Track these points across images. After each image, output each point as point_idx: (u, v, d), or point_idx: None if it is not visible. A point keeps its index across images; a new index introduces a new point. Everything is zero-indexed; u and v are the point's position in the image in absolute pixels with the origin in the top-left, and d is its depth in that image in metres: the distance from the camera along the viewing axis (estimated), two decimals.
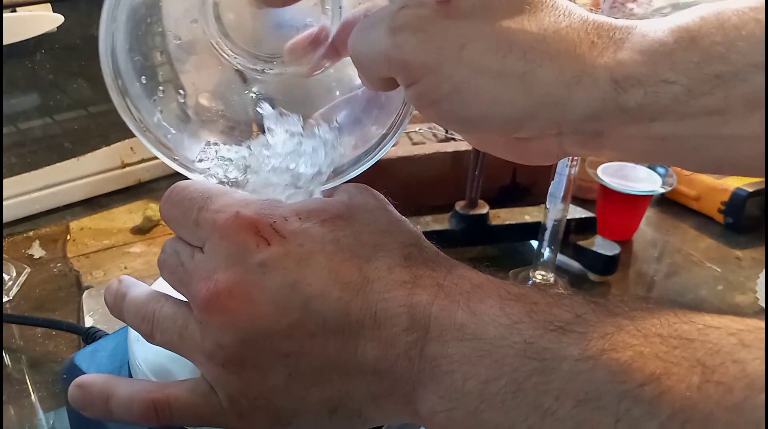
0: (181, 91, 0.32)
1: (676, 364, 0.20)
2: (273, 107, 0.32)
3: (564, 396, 0.21)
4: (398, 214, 0.30)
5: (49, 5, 0.62)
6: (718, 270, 0.68)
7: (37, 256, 0.65)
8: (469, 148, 0.60)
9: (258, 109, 0.32)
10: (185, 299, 0.28)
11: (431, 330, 0.24)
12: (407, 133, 0.71)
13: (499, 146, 0.31)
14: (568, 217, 0.58)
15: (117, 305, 0.30)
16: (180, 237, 0.29)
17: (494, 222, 0.63)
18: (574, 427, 0.21)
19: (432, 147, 0.68)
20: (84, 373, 0.35)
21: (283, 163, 0.31)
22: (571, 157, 0.52)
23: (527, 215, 0.64)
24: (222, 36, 0.32)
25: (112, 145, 0.72)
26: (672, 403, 0.20)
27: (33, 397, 0.49)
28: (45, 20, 0.62)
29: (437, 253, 0.28)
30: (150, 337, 0.29)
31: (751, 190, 0.71)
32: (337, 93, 0.34)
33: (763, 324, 0.21)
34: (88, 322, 0.55)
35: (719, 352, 0.20)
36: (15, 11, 0.60)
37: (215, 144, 0.32)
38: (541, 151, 0.29)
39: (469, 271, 0.27)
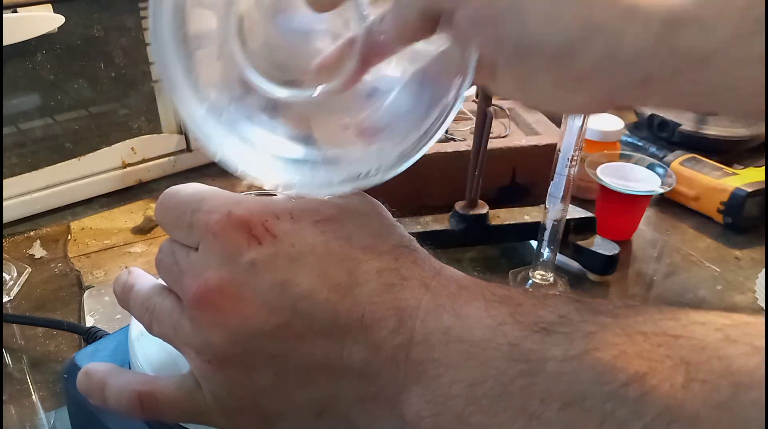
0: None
1: (659, 362, 0.20)
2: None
3: (549, 398, 0.22)
4: (392, 218, 0.30)
5: (49, 6, 0.62)
6: (717, 270, 0.68)
7: (38, 255, 0.66)
8: (469, 148, 0.60)
9: None
10: None
11: (417, 333, 0.24)
12: None
13: (548, 88, 0.28)
14: (568, 217, 0.58)
15: (124, 296, 0.31)
16: (176, 240, 0.29)
17: (494, 222, 0.63)
18: None
19: (432, 147, 0.68)
20: None
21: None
22: (570, 158, 0.53)
23: (527, 215, 0.64)
24: (247, 64, 0.30)
25: (113, 146, 0.72)
26: (657, 403, 0.20)
27: (34, 396, 0.49)
28: (46, 21, 0.62)
29: (427, 256, 0.28)
30: (149, 329, 0.29)
31: (750, 190, 0.71)
32: (375, 97, 0.33)
33: (749, 319, 0.21)
34: (89, 321, 0.55)
35: (704, 349, 0.20)
36: (16, 12, 0.60)
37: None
38: (590, 95, 0.28)
39: (457, 274, 0.27)
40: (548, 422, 0.21)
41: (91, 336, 0.50)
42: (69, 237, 0.69)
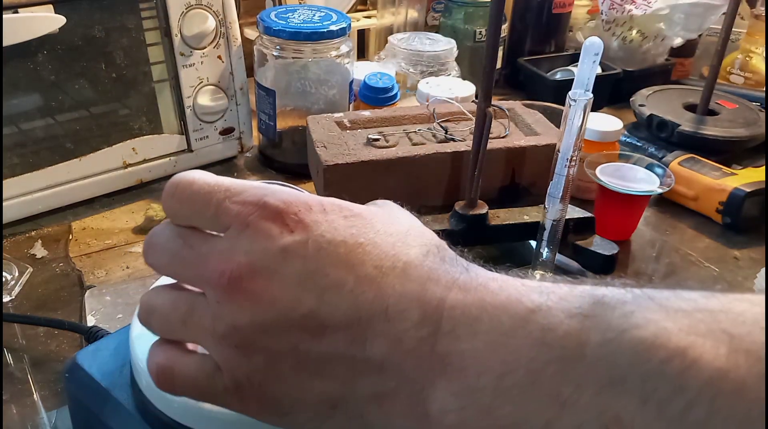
0: None
1: (701, 336, 0.20)
2: None
3: (585, 383, 0.21)
4: (421, 224, 0.30)
5: (51, 6, 0.63)
6: (716, 270, 0.68)
7: (39, 255, 0.66)
8: (469, 148, 0.60)
9: None
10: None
11: (443, 325, 0.24)
12: (407, 133, 0.71)
13: None
14: (567, 217, 0.58)
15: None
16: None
17: (493, 222, 0.63)
18: (596, 415, 0.21)
19: (432, 147, 0.68)
20: (86, 372, 0.35)
21: None
22: (569, 158, 0.53)
23: (526, 215, 0.64)
24: None
25: (114, 146, 0.72)
26: (700, 377, 0.19)
27: (35, 396, 0.50)
28: (47, 21, 0.62)
29: (455, 255, 0.28)
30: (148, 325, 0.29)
31: (749, 190, 0.71)
32: None
33: None
34: (90, 321, 0.55)
35: (746, 323, 0.20)
36: (17, 12, 0.60)
37: None
38: None
39: (485, 271, 0.27)
40: (583, 408, 0.21)
41: (92, 335, 0.50)
42: (70, 237, 0.69)
